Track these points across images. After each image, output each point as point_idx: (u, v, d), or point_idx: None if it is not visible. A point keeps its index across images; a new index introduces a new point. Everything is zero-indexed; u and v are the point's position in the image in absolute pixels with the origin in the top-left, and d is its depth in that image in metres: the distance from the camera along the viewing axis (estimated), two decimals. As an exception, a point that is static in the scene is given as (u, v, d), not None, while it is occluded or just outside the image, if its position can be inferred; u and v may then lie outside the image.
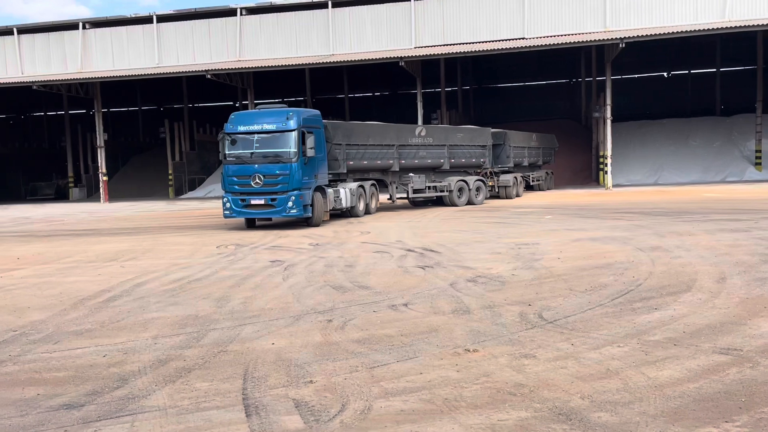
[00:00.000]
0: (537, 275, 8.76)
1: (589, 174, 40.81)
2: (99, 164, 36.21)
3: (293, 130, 16.31)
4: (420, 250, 11.70)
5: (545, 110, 50.20)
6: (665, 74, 52.15)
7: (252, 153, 16.58)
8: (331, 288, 8.38)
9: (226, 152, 16.82)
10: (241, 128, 16.73)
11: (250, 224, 17.81)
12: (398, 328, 6.17)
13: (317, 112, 18.56)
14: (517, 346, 5.45)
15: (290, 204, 16.33)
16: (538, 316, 6.44)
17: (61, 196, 45.53)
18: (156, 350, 5.76)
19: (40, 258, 12.68)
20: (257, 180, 16.44)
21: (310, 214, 16.93)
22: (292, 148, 16.29)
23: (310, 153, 16.47)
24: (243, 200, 16.72)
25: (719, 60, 46.07)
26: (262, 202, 16.61)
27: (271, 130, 16.50)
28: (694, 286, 7.68)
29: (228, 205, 16.91)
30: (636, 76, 49.52)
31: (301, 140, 16.37)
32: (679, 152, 39.80)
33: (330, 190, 18.08)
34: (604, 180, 35.98)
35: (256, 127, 16.62)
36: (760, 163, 37.60)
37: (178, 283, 9.15)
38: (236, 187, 16.74)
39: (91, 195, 44.91)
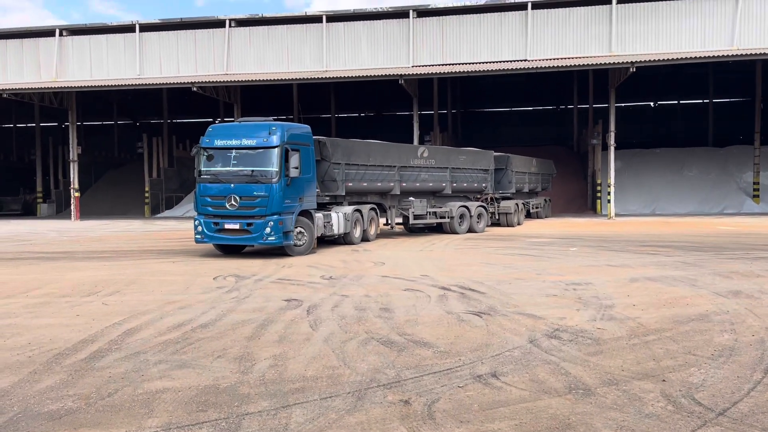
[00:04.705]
0: (629, 330, 7.11)
1: (583, 202, 39.68)
2: (71, 179, 33.82)
3: (275, 146, 14.21)
4: (457, 289, 9.99)
5: (532, 136, 49.24)
6: (652, 104, 51.78)
7: (228, 171, 14.50)
8: (379, 343, 6.61)
9: (202, 169, 14.78)
10: (218, 142, 14.66)
11: (227, 250, 15.67)
12: (512, 420, 4.42)
13: (307, 127, 16.22)
14: (714, 462, 3.75)
15: (268, 230, 14.18)
16: (692, 401, 4.76)
17: (29, 212, 43.07)
18: (173, 456, 3.93)
19: (2, 289, 10.62)
20: (232, 202, 14.32)
21: (291, 242, 14.83)
22: (273, 166, 14.19)
23: (293, 173, 14.38)
24: (216, 224, 14.57)
25: (712, 90, 45.69)
26: (237, 226, 14.44)
27: (251, 145, 14.37)
28: None
29: (200, 228, 14.74)
30: (623, 104, 48.96)
31: (285, 158, 14.28)
32: (675, 182, 38.90)
33: (318, 215, 15.94)
34: (600, 209, 34.85)
35: (234, 142, 14.53)
36: (758, 196, 36.84)
37: (179, 331, 7.29)
38: (210, 208, 14.62)
39: (61, 211, 42.43)
